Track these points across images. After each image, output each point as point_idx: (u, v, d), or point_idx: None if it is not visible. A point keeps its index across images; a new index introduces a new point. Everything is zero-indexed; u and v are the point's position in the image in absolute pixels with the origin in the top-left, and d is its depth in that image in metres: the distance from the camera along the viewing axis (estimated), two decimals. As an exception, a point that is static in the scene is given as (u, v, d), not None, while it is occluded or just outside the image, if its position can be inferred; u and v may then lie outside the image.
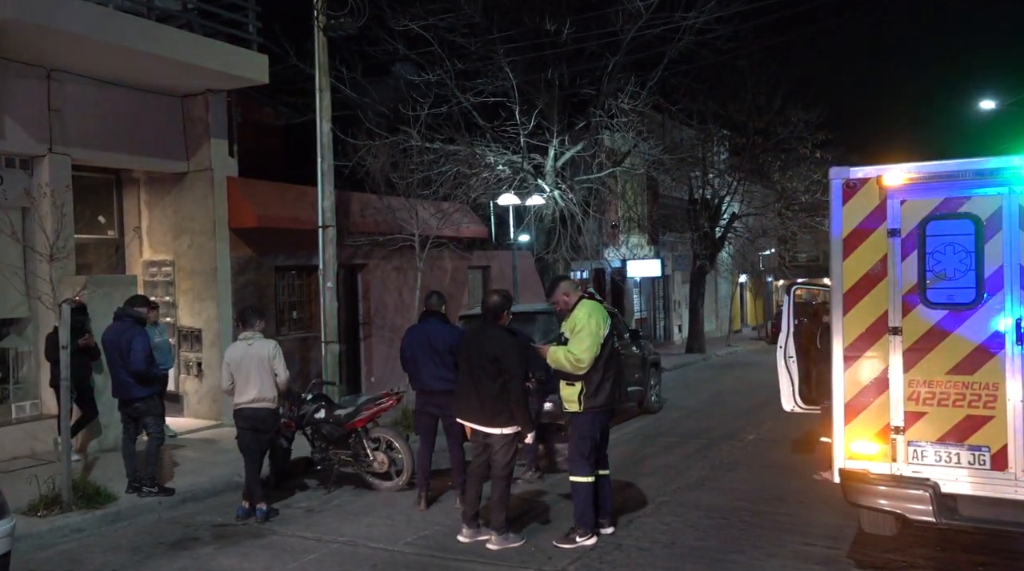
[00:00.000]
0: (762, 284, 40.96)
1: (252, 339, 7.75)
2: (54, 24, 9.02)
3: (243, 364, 7.63)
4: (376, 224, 14.19)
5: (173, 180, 12.45)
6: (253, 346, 7.69)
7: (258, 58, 11.57)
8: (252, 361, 7.62)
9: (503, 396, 6.53)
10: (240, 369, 7.64)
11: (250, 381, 7.61)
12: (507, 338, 6.70)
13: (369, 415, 8.72)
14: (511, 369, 6.53)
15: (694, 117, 22.10)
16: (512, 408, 6.53)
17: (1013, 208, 5.47)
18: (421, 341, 8.11)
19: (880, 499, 5.75)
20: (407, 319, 14.36)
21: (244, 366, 7.63)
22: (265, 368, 7.63)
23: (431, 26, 14.99)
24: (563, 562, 6.33)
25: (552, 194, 16.16)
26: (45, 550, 6.99)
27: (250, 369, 7.61)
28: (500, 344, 6.63)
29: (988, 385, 5.52)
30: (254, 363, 7.61)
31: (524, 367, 6.67)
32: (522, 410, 6.56)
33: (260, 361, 7.62)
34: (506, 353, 6.57)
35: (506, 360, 6.55)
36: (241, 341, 7.81)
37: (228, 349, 7.91)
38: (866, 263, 5.85)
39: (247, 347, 7.69)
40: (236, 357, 7.67)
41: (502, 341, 6.65)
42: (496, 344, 6.64)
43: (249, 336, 7.78)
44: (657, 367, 14.14)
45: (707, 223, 24.57)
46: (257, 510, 7.67)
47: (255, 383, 7.61)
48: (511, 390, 6.52)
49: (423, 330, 8.24)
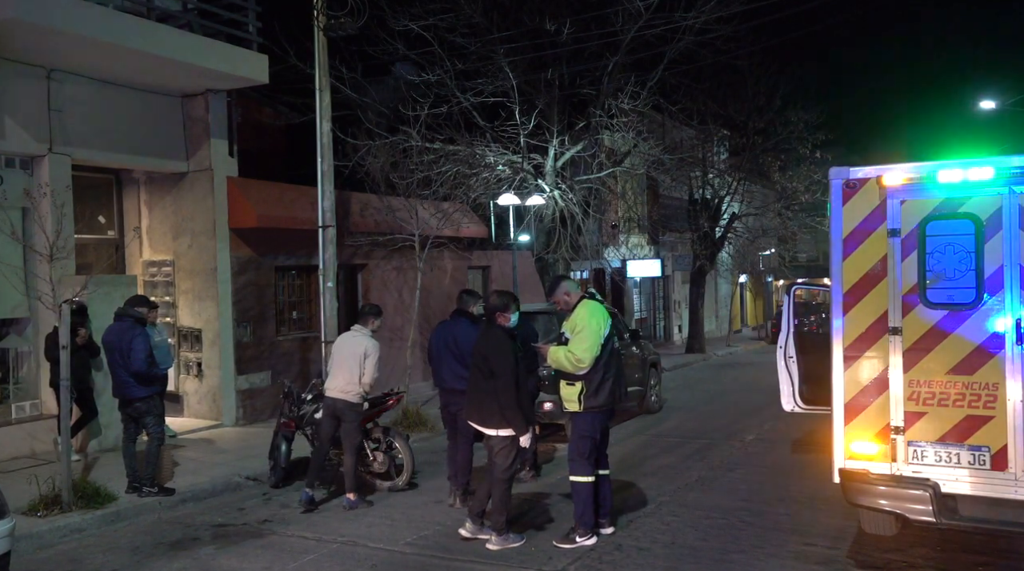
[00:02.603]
0: (762, 284, 40.95)
1: (358, 333, 8.09)
2: (54, 24, 9.02)
3: (337, 354, 8.09)
4: (376, 224, 14.19)
5: (173, 180, 12.45)
6: (355, 339, 8.03)
7: (258, 58, 11.58)
8: (346, 353, 7.98)
9: (495, 396, 6.51)
10: (334, 358, 8.15)
11: (340, 371, 7.99)
12: (499, 338, 6.66)
13: (369, 415, 8.71)
14: (498, 369, 6.48)
15: (694, 117, 22.09)
16: (502, 410, 6.47)
17: (1013, 208, 5.47)
18: (447, 339, 8.16)
19: (880, 499, 5.76)
20: (407, 319, 14.38)
21: (338, 356, 8.07)
22: (356, 362, 7.94)
23: (431, 26, 14.99)
24: (563, 562, 6.33)
25: (552, 194, 16.16)
26: (45, 550, 6.99)
27: (343, 360, 7.98)
28: (490, 344, 6.62)
29: (988, 385, 5.52)
30: (347, 355, 7.97)
31: (515, 369, 6.54)
32: (512, 412, 6.45)
33: (354, 356, 7.95)
34: (494, 353, 6.54)
35: (494, 360, 6.52)
36: (348, 333, 8.24)
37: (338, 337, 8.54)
38: (866, 263, 5.85)
39: (351, 338, 8.09)
40: (336, 346, 8.19)
41: (492, 341, 6.64)
42: (486, 343, 6.64)
43: (359, 330, 8.14)
44: (657, 367, 14.14)
45: (707, 223, 24.56)
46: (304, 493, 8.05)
47: (343, 374, 7.95)
48: (499, 391, 6.46)
49: (450, 328, 8.25)
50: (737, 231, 26.39)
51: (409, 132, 13.93)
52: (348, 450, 8.11)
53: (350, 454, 8.10)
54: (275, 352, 12.97)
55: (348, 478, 8.07)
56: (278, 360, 12.98)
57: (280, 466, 8.97)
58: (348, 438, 8.10)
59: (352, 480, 8.06)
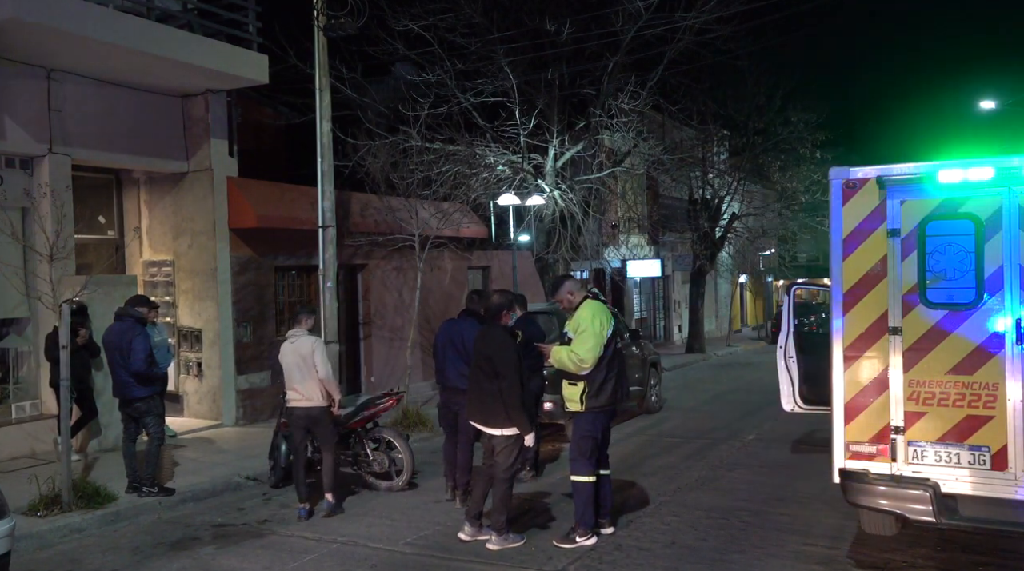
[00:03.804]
0: (762, 284, 40.95)
1: (298, 336, 7.82)
2: (54, 24, 9.02)
3: (287, 364, 7.81)
4: (376, 224, 14.19)
5: (173, 180, 12.45)
6: (297, 342, 7.77)
7: (258, 58, 11.57)
8: (296, 359, 7.72)
9: (500, 396, 6.52)
10: (286, 369, 7.83)
11: (299, 379, 7.76)
12: (502, 338, 6.67)
13: (369, 415, 8.71)
14: (502, 369, 6.49)
15: (694, 117, 22.08)
16: (507, 409, 6.48)
17: (1013, 208, 5.47)
18: (453, 338, 8.15)
19: (880, 499, 5.76)
20: (407, 319, 14.38)
21: (290, 365, 7.78)
22: (308, 364, 7.72)
23: (431, 26, 15.00)
24: (563, 562, 6.33)
25: (552, 194, 16.16)
26: (45, 550, 6.99)
27: (296, 367, 7.74)
28: (493, 343, 6.62)
29: (988, 385, 5.52)
30: (298, 361, 7.72)
31: (520, 368, 6.58)
32: (517, 411, 6.48)
33: (304, 359, 7.73)
34: (498, 353, 6.54)
35: (498, 360, 6.52)
36: (287, 341, 7.92)
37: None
38: (866, 263, 5.85)
39: (293, 343, 7.80)
40: (282, 356, 7.87)
41: (496, 340, 6.64)
42: (489, 343, 6.64)
43: (296, 333, 7.87)
44: (657, 367, 14.14)
45: (707, 223, 24.56)
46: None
47: (303, 381, 7.72)
48: (504, 391, 6.47)
49: (457, 327, 8.25)
50: (737, 231, 26.39)
51: (409, 132, 13.93)
52: (327, 449, 7.82)
53: (329, 452, 7.80)
54: (275, 352, 12.92)
55: (327, 477, 7.76)
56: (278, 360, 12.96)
57: (280, 466, 8.96)
58: (326, 439, 7.82)
59: (331, 479, 7.75)
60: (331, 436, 7.86)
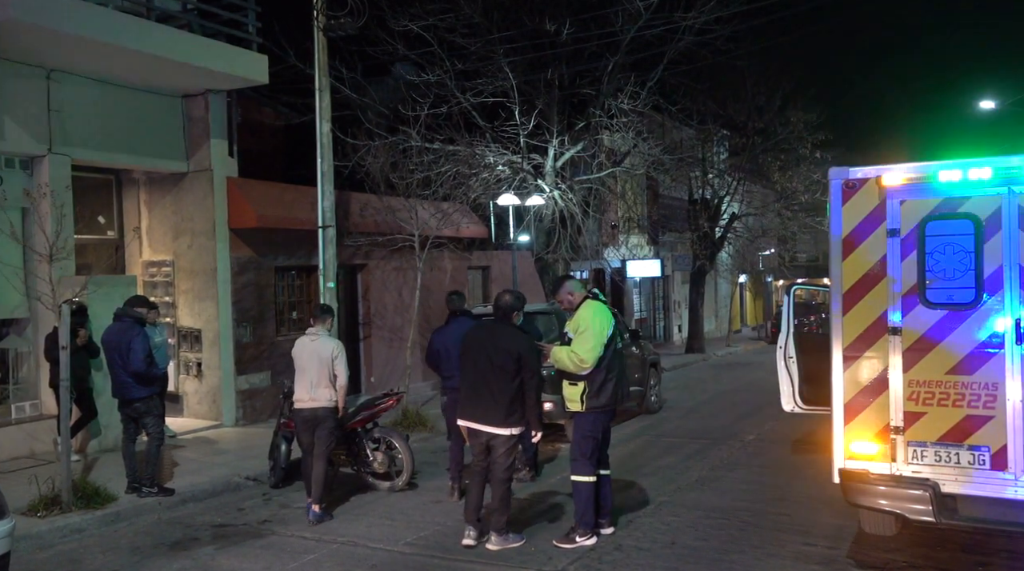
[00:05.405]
0: (762, 284, 40.96)
1: (320, 336, 7.78)
2: (54, 24, 9.02)
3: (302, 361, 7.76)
4: (376, 224, 14.19)
5: (173, 180, 12.45)
6: (319, 342, 7.72)
7: (258, 58, 11.58)
8: (313, 358, 7.67)
9: (520, 395, 6.54)
10: (300, 365, 7.80)
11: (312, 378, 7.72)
12: (527, 336, 6.78)
13: (369, 415, 8.72)
14: (533, 366, 6.57)
15: (694, 117, 22.09)
16: (530, 407, 6.56)
17: (1012, 208, 5.47)
18: (457, 340, 8.09)
19: (880, 499, 5.76)
20: (407, 319, 14.38)
21: (304, 362, 7.75)
22: (327, 366, 7.71)
23: (431, 26, 15.00)
24: (563, 562, 6.33)
25: (552, 194, 16.16)
26: (45, 550, 6.99)
27: (310, 366, 7.70)
28: (522, 342, 6.65)
29: (988, 385, 5.52)
30: (315, 360, 7.68)
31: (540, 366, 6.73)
32: (538, 408, 6.64)
33: (322, 360, 7.70)
34: (529, 351, 6.61)
35: (529, 357, 6.58)
36: (306, 337, 7.85)
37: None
38: (865, 263, 5.85)
39: (313, 341, 7.76)
40: (297, 352, 7.81)
41: (522, 339, 6.69)
42: (518, 342, 6.63)
43: (318, 331, 7.81)
44: (657, 367, 14.14)
45: (707, 223, 24.56)
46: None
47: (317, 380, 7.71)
48: (530, 388, 6.54)
49: (457, 330, 8.19)
50: (737, 231, 26.40)
51: (409, 132, 13.93)
52: (320, 456, 7.64)
53: (321, 460, 7.65)
54: (275, 352, 12.96)
55: (316, 487, 7.58)
56: (278, 360, 12.96)
57: (280, 466, 8.97)
58: (322, 444, 7.67)
59: (320, 489, 7.59)
60: (327, 441, 7.75)
